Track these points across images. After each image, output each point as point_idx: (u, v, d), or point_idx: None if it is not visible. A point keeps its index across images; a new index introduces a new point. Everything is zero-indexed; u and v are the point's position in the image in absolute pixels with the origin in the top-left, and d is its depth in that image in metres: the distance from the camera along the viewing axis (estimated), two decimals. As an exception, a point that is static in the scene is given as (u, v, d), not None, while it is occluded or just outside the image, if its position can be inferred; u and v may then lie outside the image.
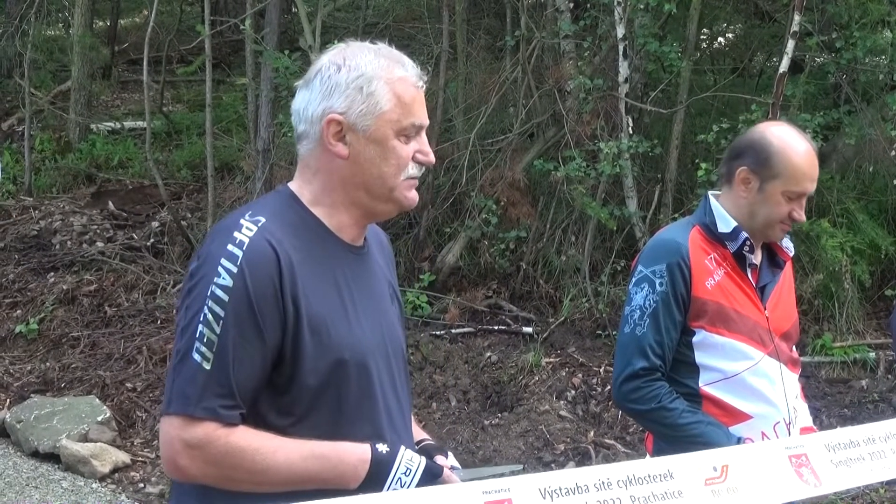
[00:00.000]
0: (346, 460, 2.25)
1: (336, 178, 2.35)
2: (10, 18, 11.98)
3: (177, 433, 2.19)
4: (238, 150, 10.57)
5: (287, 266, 2.22)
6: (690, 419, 3.09)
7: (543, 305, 8.32)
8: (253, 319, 2.19)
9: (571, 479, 2.11)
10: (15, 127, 12.70)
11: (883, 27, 8.12)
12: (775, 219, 3.17)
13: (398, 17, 10.74)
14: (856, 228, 7.96)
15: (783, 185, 3.14)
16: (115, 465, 6.73)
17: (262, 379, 2.23)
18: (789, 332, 3.31)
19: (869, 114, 8.14)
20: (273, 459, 2.19)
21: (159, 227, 10.03)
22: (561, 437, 6.77)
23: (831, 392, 7.20)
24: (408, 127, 2.34)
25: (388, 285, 2.54)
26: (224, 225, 2.30)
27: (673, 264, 3.13)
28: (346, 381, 2.29)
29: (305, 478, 2.22)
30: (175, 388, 2.20)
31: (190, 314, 2.22)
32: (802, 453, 2.44)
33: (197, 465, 2.19)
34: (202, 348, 2.18)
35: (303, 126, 2.37)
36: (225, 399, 2.18)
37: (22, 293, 9.12)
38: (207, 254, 2.25)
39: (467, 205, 8.61)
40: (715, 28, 10.20)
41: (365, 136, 2.32)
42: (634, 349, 3.15)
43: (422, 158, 2.38)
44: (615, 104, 8.08)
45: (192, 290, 2.25)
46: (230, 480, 2.21)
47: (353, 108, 2.31)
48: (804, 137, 3.20)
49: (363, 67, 2.33)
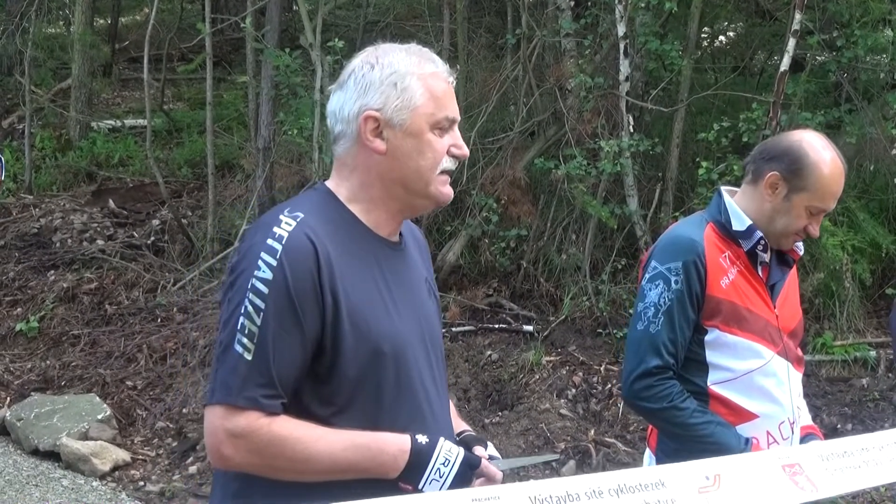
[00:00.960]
0: (386, 450, 2.29)
1: (374, 174, 2.41)
2: (11, 16, 11.96)
3: (220, 422, 2.25)
4: (239, 148, 10.57)
5: (325, 259, 2.27)
6: (701, 419, 3.08)
7: (544, 304, 8.31)
8: (293, 311, 2.24)
9: (562, 487, 2.10)
10: (15, 125, 12.70)
11: (884, 26, 8.12)
12: (792, 230, 3.17)
13: (399, 15, 10.73)
14: (856, 227, 7.95)
15: (809, 199, 3.13)
16: (116, 464, 6.73)
17: (302, 369, 2.28)
18: (796, 329, 3.31)
19: (870, 112, 8.13)
20: (314, 449, 2.24)
21: (160, 226, 10.03)
22: (561, 436, 6.77)
23: (832, 391, 7.20)
24: (441, 120, 2.40)
25: (424, 280, 2.59)
26: (264, 220, 2.36)
27: (689, 262, 3.11)
28: (385, 371, 2.34)
29: (346, 467, 2.27)
30: (218, 379, 2.27)
31: (231, 307, 2.28)
32: (795, 463, 2.43)
33: (241, 454, 2.24)
34: (244, 340, 2.23)
35: (339, 126, 2.43)
36: (266, 389, 2.23)
37: (22, 291, 9.12)
38: (248, 248, 2.31)
39: (468, 203, 8.60)
40: (716, 26, 10.19)
41: (402, 131, 2.38)
42: (648, 347, 3.13)
43: (456, 152, 2.44)
44: (616, 102, 8.08)
45: (233, 283, 2.31)
46: (273, 469, 2.27)
47: (389, 104, 2.37)
48: (838, 154, 3.19)
49: (396, 65, 2.39)
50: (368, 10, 10.85)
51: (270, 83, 9.10)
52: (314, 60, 8.64)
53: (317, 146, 8.33)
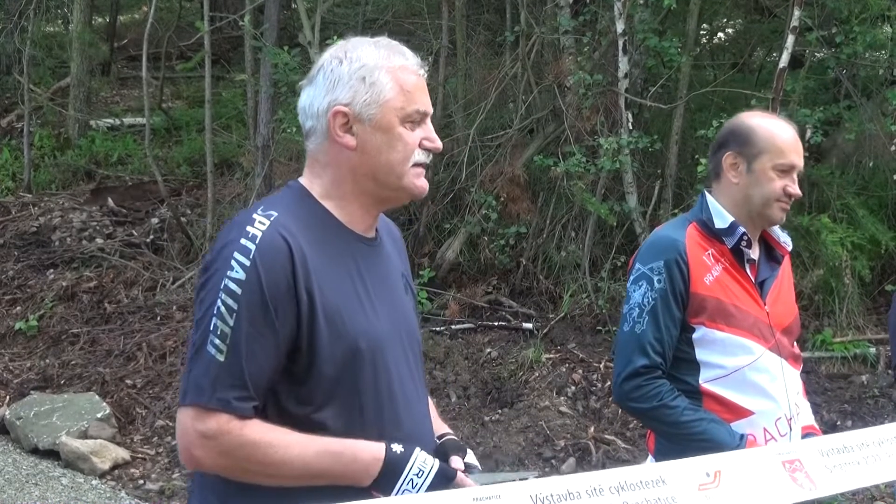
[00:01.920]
0: (359, 458, 2.27)
1: (345, 169, 2.39)
2: (10, 15, 11.95)
3: (191, 424, 2.23)
4: (238, 147, 10.57)
5: (300, 258, 2.26)
6: (692, 417, 3.08)
7: (543, 301, 8.32)
8: (266, 312, 2.22)
9: (563, 486, 2.10)
10: (14, 123, 12.69)
11: (883, 22, 8.11)
12: (771, 196, 3.17)
13: (398, 12, 10.72)
14: (856, 223, 7.95)
15: (770, 159, 3.16)
16: (115, 462, 6.73)
17: (276, 370, 2.26)
18: (790, 326, 3.30)
19: (869, 109, 8.13)
20: (287, 454, 2.23)
21: (159, 224, 10.02)
22: (561, 433, 6.77)
23: (831, 387, 7.20)
24: (412, 113, 2.38)
25: (401, 276, 2.58)
26: (237, 220, 2.34)
27: (671, 261, 3.13)
28: (362, 369, 2.32)
29: (318, 473, 2.25)
30: (190, 380, 2.25)
31: (204, 307, 2.27)
32: (796, 458, 2.43)
33: (211, 456, 2.23)
34: (216, 341, 2.22)
35: (310, 122, 2.42)
36: (238, 391, 2.21)
37: (21, 290, 9.12)
38: (221, 247, 2.30)
39: (467, 200, 8.60)
40: (715, 23, 10.18)
41: (371, 125, 2.36)
42: (634, 347, 3.13)
43: (428, 145, 2.42)
44: (615, 100, 8.08)
45: (206, 283, 2.29)
46: (244, 471, 2.25)
47: (358, 99, 2.35)
48: (781, 117, 3.29)
49: (364, 59, 2.38)
50: (367, 7, 10.83)
51: (269, 81, 9.09)
52: (313, 58, 8.62)
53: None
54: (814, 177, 8.15)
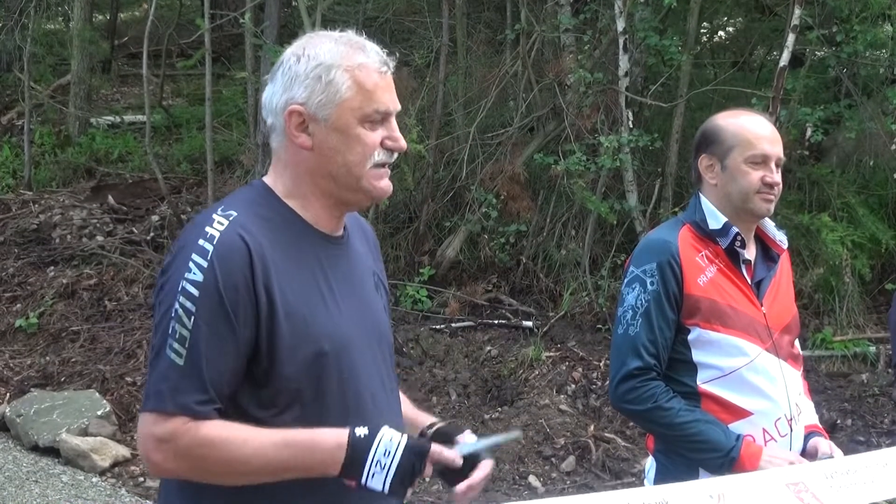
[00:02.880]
0: (321, 446, 2.20)
1: (303, 169, 2.34)
2: (10, 12, 11.95)
3: (149, 429, 2.19)
4: (238, 144, 10.57)
5: (259, 258, 2.21)
6: (688, 418, 3.07)
7: (543, 299, 8.32)
8: (224, 314, 2.17)
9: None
10: (15, 121, 12.68)
11: (883, 21, 8.11)
12: (749, 190, 3.15)
13: (398, 10, 10.71)
14: (856, 222, 7.95)
15: (740, 153, 3.16)
16: (115, 460, 6.73)
17: (237, 372, 2.21)
18: (789, 326, 3.28)
19: (869, 108, 8.13)
20: (244, 450, 2.17)
21: (159, 221, 10.02)
22: (561, 432, 6.77)
23: (832, 386, 7.20)
24: (371, 114, 2.31)
25: (371, 275, 2.52)
26: (197, 220, 2.29)
27: (663, 262, 3.12)
28: (326, 371, 2.27)
29: (281, 467, 2.20)
30: (151, 386, 2.20)
31: (162, 310, 2.21)
32: (800, 481, 2.41)
33: (168, 459, 2.18)
34: (175, 344, 2.17)
35: (270, 119, 2.37)
36: (198, 394, 2.16)
37: (22, 287, 9.11)
38: (179, 249, 2.24)
39: (467, 199, 8.60)
40: (715, 22, 10.18)
41: (327, 126, 2.30)
42: (628, 349, 3.13)
43: (391, 145, 2.34)
44: (615, 98, 8.07)
45: (164, 286, 2.24)
46: (205, 473, 2.21)
47: (313, 98, 2.29)
48: (753, 111, 3.31)
49: (322, 56, 2.31)
50: (367, 5, 10.82)
51: (269, 79, 9.08)
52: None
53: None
54: (814, 175, 8.15)
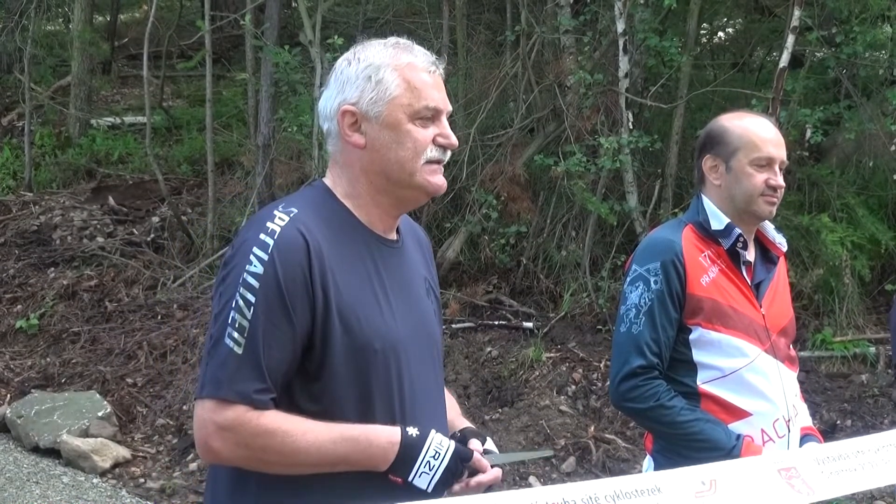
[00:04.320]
0: (375, 443, 2.28)
1: (357, 168, 2.41)
2: (10, 14, 11.96)
3: (209, 416, 2.24)
4: (238, 146, 10.58)
5: (317, 255, 2.27)
6: (689, 417, 3.08)
7: (544, 300, 8.32)
8: (283, 306, 2.24)
9: (559, 494, 2.11)
10: (15, 122, 12.70)
11: (883, 22, 8.10)
12: (753, 192, 3.16)
13: (398, 11, 10.73)
14: (856, 223, 7.95)
15: (745, 155, 3.16)
16: (116, 461, 6.74)
17: (292, 364, 2.27)
18: (786, 328, 3.29)
19: (869, 108, 8.13)
20: (303, 441, 2.23)
21: (159, 223, 10.03)
22: (561, 432, 6.78)
23: (831, 387, 7.20)
24: (421, 110, 2.38)
25: (424, 280, 2.58)
26: (258, 216, 2.36)
27: (667, 262, 3.13)
28: (375, 368, 2.33)
29: (335, 460, 2.26)
30: (208, 373, 2.26)
31: (223, 301, 2.28)
32: (792, 466, 2.43)
33: (229, 447, 2.24)
34: (234, 334, 2.23)
35: (326, 124, 2.46)
36: (256, 382, 2.23)
37: (22, 288, 9.12)
38: (241, 243, 2.31)
39: (468, 200, 8.60)
40: (715, 23, 10.19)
41: (378, 123, 2.37)
42: (631, 347, 3.14)
43: (443, 141, 2.42)
44: (615, 99, 8.08)
45: (225, 277, 2.31)
46: (262, 462, 2.26)
47: (364, 97, 2.38)
48: (757, 113, 3.28)
49: (371, 58, 2.41)
50: (368, 6, 10.84)
51: (270, 80, 9.10)
52: (313, 57, 8.64)
53: (316, 143, 8.32)
54: (814, 176, 8.15)
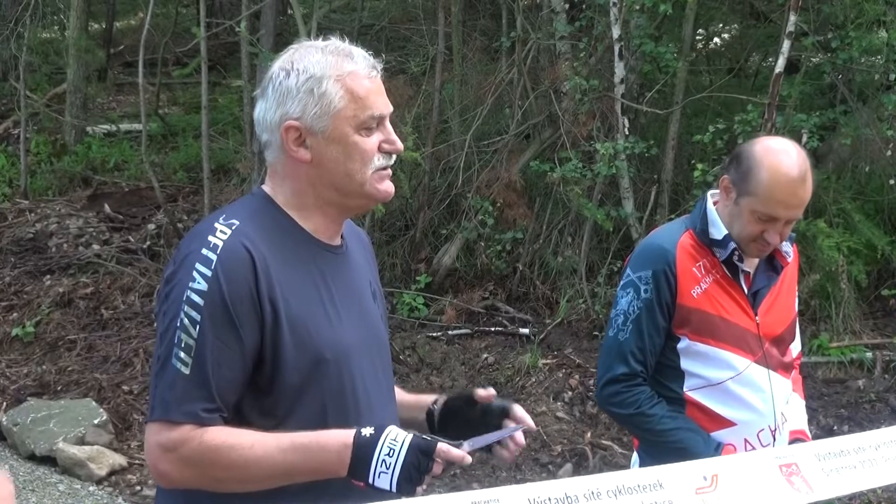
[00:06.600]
0: (327, 448, 2.20)
1: (305, 181, 2.35)
2: (6, 21, 11.96)
3: (155, 438, 2.20)
4: (234, 153, 10.56)
5: (263, 268, 2.22)
6: (669, 425, 3.10)
7: (540, 307, 8.31)
8: (230, 322, 2.19)
9: (560, 489, 2.10)
10: (10, 130, 12.67)
11: (878, 27, 8.11)
12: (746, 236, 3.10)
13: (394, 18, 10.73)
14: (852, 228, 7.96)
15: (752, 203, 3.04)
16: (112, 468, 6.71)
17: (242, 381, 2.22)
18: (782, 335, 3.27)
19: (865, 114, 8.14)
20: (251, 454, 2.17)
21: (155, 230, 10.01)
22: (558, 439, 6.77)
23: (828, 392, 7.20)
24: (366, 120, 2.32)
25: (368, 283, 2.53)
26: (199, 229, 2.31)
27: (659, 272, 3.12)
28: (327, 379, 2.28)
29: (288, 470, 2.20)
30: (157, 395, 2.21)
31: (167, 319, 2.22)
32: (793, 462, 2.43)
33: (177, 469, 2.19)
34: (181, 354, 2.18)
35: (265, 135, 2.37)
36: (205, 402, 2.18)
37: (18, 296, 9.10)
38: (182, 258, 2.25)
39: (463, 206, 8.60)
40: (711, 28, 10.20)
41: (324, 138, 2.31)
42: (616, 354, 3.16)
43: (388, 148, 2.36)
44: (611, 105, 8.08)
45: (168, 294, 2.25)
46: (214, 480, 2.21)
47: (308, 112, 2.30)
48: (799, 163, 3.01)
49: (311, 69, 2.31)
50: (363, 13, 10.83)
51: (266, 87, 9.08)
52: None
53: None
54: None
